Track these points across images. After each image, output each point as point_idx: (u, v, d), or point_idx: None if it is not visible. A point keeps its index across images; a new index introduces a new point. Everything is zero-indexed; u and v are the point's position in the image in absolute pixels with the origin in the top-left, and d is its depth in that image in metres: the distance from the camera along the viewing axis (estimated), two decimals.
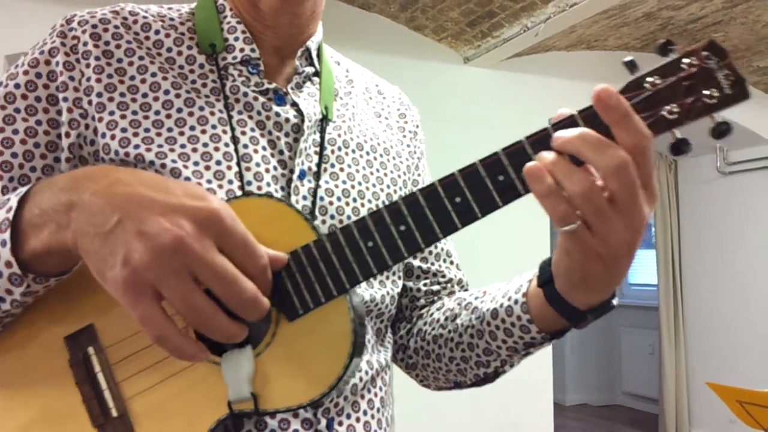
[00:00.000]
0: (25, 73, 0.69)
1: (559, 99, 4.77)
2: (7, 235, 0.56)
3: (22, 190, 0.59)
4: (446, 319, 0.79)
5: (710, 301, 4.96)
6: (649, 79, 0.56)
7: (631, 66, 0.57)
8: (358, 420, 0.72)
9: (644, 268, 6.44)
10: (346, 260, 0.59)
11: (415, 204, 0.58)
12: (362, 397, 0.73)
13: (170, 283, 0.50)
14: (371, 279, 0.73)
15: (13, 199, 0.58)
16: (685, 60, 0.55)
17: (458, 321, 0.77)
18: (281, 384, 0.60)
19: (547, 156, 0.54)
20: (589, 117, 0.55)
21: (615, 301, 0.64)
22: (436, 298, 0.86)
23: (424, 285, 0.86)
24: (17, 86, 0.69)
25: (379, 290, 0.75)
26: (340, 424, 0.70)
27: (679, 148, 0.55)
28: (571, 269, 0.59)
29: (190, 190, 0.53)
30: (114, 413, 0.62)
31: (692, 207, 5.10)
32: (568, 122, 0.56)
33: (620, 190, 0.52)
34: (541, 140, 0.56)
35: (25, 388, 0.64)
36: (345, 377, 0.60)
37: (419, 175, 0.89)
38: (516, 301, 0.69)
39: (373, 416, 0.74)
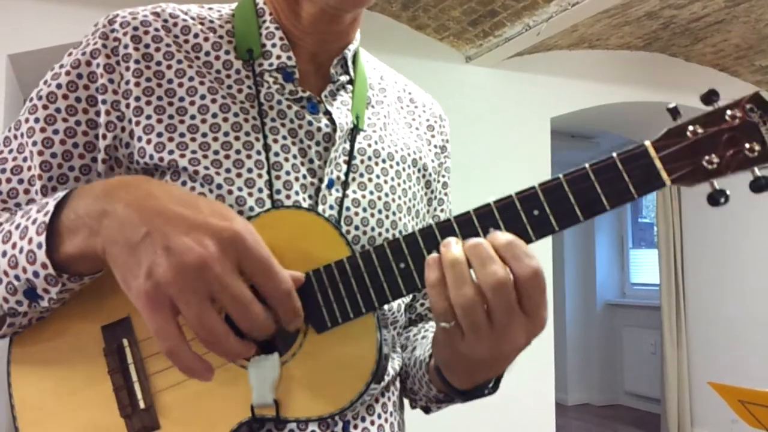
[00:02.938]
0: (67, 73, 0.70)
1: (561, 98, 4.76)
2: (42, 238, 0.58)
3: (60, 194, 0.60)
4: (402, 347, 0.83)
5: (712, 300, 4.95)
6: (690, 127, 0.56)
7: (674, 113, 0.57)
8: (372, 423, 0.74)
9: (646, 268, 6.44)
10: (377, 279, 0.60)
11: (449, 229, 0.59)
12: (377, 401, 0.75)
13: (188, 300, 0.51)
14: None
15: (51, 204, 0.60)
16: (729, 111, 0.56)
17: (404, 354, 0.82)
18: (303, 394, 0.62)
19: (453, 253, 0.55)
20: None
21: (491, 390, 0.67)
22: (419, 320, 0.88)
23: (420, 305, 0.87)
24: (59, 86, 0.70)
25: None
26: (356, 427, 0.72)
27: (716, 199, 0.56)
28: (437, 353, 0.65)
29: (217, 210, 0.55)
30: (142, 405, 0.64)
31: (694, 206, 5.10)
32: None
33: (496, 308, 0.54)
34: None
35: (57, 371, 0.66)
36: (366, 394, 0.62)
37: (446, 194, 0.89)
38: (425, 359, 0.75)
39: (386, 420, 0.75)
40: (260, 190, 0.68)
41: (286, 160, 0.71)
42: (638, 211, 6.76)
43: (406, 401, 0.85)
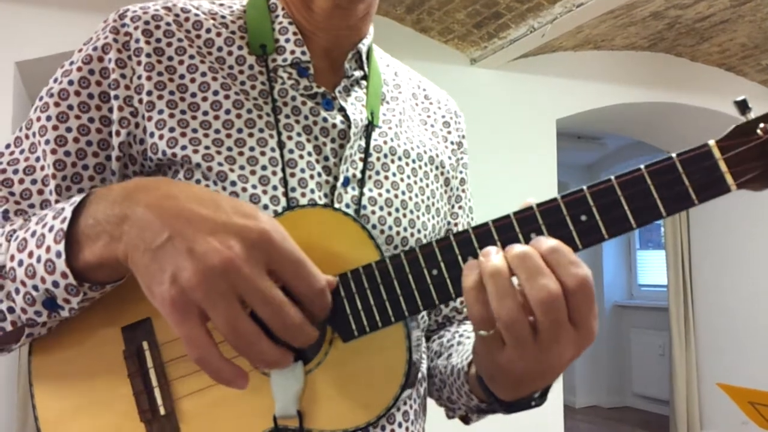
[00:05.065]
0: (79, 69, 0.68)
1: (566, 99, 4.73)
2: (61, 247, 0.55)
3: (77, 199, 0.58)
4: (435, 353, 0.81)
5: (720, 301, 4.92)
6: (762, 124, 0.51)
7: (743, 107, 0.52)
8: None
9: (654, 269, 6.41)
10: (408, 287, 0.56)
11: (487, 234, 0.54)
12: (398, 408, 0.73)
13: (217, 305, 0.48)
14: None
15: (68, 209, 0.57)
16: None
17: (438, 361, 0.79)
18: (328, 406, 0.60)
19: (494, 262, 0.51)
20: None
21: (537, 401, 0.62)
22: (448, 323, 0.86)
23: (445, 306, 0.85)
24: (71, 83, 0.68)
25: None
26: None
27: None
28: (478, 363, 0.61)
29: (240, 208, 0.52)
30: (162, 411, 0.62)
31: (701, 207, 5.06)
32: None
33: (543, 324, 0.50)
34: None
35: (78, 373, 0.64)
36: (394, 407, 0.59)
37: (463, 191, 0.87)
38: (463, 368, 0.71)
39: (407, 429, 0.73)
40: (275, 188, 0.66)
41: (301, 157, 0.69)
42: None
43: (428, 408, 0.82)
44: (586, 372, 6.49)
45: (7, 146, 0.71)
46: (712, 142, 0.51)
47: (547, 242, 0.51)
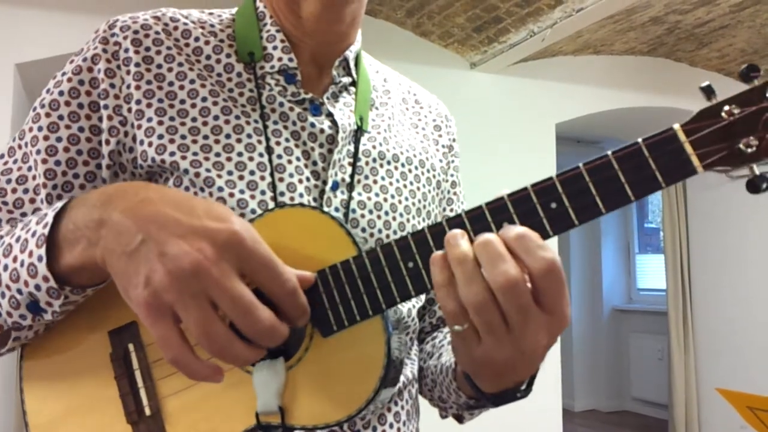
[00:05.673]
0: (69, 80, 0.70)
1: (566, 104, 4.73)
2: (42, 251, 0.57)
3: (58, 205, 0.59)
4: (428, 354, 0.82)
5: (719, 305, 4.92)
6: (726, 107, 0.51)
7: (708, 92, 0.52)
8: None
9: (653, 273, 6.41)
10: (384, 279, 0.57)
11: (460, 226, 0.55)
12: (389, 409, 0.73)
13: (188, 307, 0.49)
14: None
15: (50, 215, 0.59)
16: None
17: (430, 362, 0.80)
18: (309, 401, 0.60)
19: (461, 248, 0.52)
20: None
21: (523, 393, 0.62)
22: (442, 324, 0.86)
23: (440, 308, 0.85)
24: (61, 93, 0.69)
25: (404, 304, 0.75)
26: None
27: (757, 185, 0.51)
28: (459, 360, 0.61)
29: (213, 211, 0.53)
30: (147, 412, 0.63)
31: (700, 211, 5.08)
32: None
33: (509, 310, 0.50)
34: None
35: (67, 377, 0.66)
36: (375, 400, 0.59)
37: (455, 193, 0.87)
38: (451, 365, 0.72)
39: (399, 429, 0.74)
40: (263, 193, 0.67)
41: (290, 162, 0.70)
42: (644, 216, 6.74)
43: (423, 409, 0.82)
44: (584, 376, 6.48)
45: (1, 156, 0.72)
46: (677, 126, 0.52)
47: (514, 229, 0.51)
